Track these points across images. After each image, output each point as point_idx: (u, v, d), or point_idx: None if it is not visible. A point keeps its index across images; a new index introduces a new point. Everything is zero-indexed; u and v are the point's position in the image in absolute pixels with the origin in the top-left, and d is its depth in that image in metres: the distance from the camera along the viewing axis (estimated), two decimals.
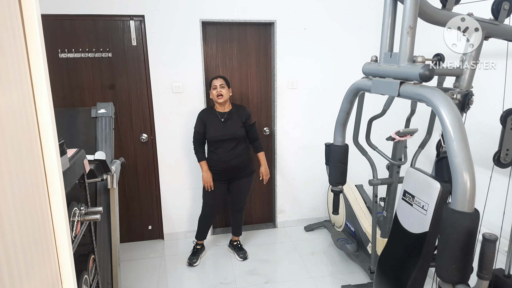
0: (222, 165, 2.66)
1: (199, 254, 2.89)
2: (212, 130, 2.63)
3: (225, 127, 2.64)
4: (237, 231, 2.98)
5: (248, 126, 2.72)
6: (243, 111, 2.73)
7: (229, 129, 2.64)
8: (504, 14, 1.32)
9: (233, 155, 2.66)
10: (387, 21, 1.28)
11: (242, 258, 2.87)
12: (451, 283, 1.02)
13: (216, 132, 2.62)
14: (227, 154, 2.64)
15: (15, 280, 0.60)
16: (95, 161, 1.79)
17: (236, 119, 2.68)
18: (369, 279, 2.54)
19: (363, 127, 2.34)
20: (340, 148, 1.61)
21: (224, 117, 2.65)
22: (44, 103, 0.74)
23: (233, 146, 2.65)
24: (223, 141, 2.63)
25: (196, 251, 2.90)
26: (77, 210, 1.15)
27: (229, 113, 2.68)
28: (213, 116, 2.66)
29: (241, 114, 2.70)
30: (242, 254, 2.89)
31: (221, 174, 2.70)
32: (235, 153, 2.66)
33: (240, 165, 2.69)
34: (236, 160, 2.67)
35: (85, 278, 1.22)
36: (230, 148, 2.64)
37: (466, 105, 1.30)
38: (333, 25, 3.07)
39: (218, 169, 2.68)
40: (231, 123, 2.66)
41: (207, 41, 2.99)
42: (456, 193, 0.98)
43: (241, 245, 2.99)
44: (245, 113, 2.72)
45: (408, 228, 1.46)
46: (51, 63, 2.67)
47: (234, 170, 2.69)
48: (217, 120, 2.65)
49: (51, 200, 0.79)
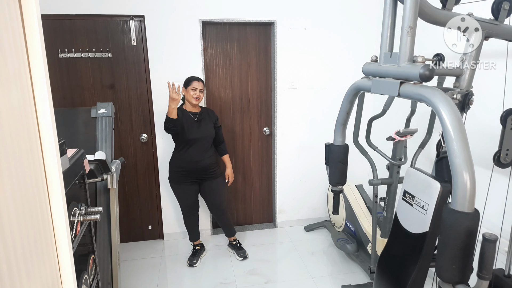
0: (192, 165, 2.64)
1: (200, 254, 2.89)
2: (189, 129, 2.60)
3: (200, 127, 2.64)
4: (230, 232, 2.97)
5: (217, 128, 2.73)
6: (212, 114, 2.75)
7: (204, 129, 2.64)
8: (504, 14, 1.32)
9: (204, 156, 2.65)
10: (387, 21, 1.28)
11: (242, 257, 2.87)
12: (451, 283, 1.02)
13: (192, 132, 2.60)
14: (198, 154, 2.63)
15: (15, 280, 0.60)
16: (95, 161, 1.79)
17: (208, 120, 2.69)
18: (369, 279, 2.54)
19: (363, 127, 2.34)
20: (340, 148, 1.61)
21: (197, 117, 2.65)
22: (44, 103, 0.74)
23: (205, 146, 2.66)
24: (197, 140, 2.62)
25: (196, 251, 2.90)
26: (77, 210, 1.15)
27: (200, 114, 2.67)
28: (186, 115, 2.63)
29: (211, 116, 2.72)
30: (242, 253, 2.89)
31: (190, 175, 2.67)
32: (206, 154, 2.66)
33: (209, 166, 2.69)
34: (206, 161, 2.66)
35: (85, 278, 1.22)
36: (202, 148, 2.64)
37: (466, 105, 1.30)
38: (333, 25, 3.07)
39: (187, 169, 2.65)
40: (205, 123, 2.66)
41: (207, 41, 2.99)
42: (456, 193, 0.98)
43: (240, 244, 2.99)
44: (214, 115, 2.75)
45: (408, 228, 1.46)
46: (51, 63, 2.67)
47: (203, 171, 2.68)
48: (190, 119, 2.63)
49: (51, 200, 0.79)
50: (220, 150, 2.83)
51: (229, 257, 2.93)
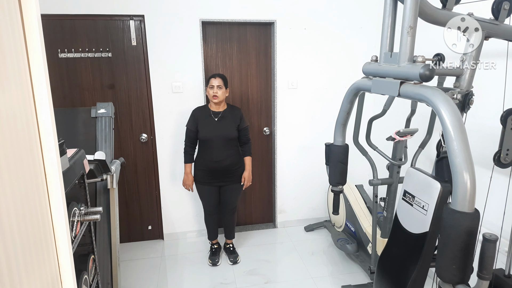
0: (214, 165, 2.61)
1: (218, 252, 2.89)
2: (204, 128, 2.58)
3: (219, 126, 2.59)
4: (230, 234, 2.94)
5: (241, 129, 2.67)
6: (237, 113, 2.67)
7: (222, 129, 2.59)
8: (504, 14, 1.32)
9: (225, 156, 2.61)
10: (387, 21, 1.28)
11: (232, 262, 2.82)
12: (451, 283, 1.02)
13: (209, 131, 2.57)
14: (219, 154, 2.59)
15: (15, 280, 0.60)
16: (95, 161, 1.79)
17: (230, 120, 2.62)
18: (369, 279, 2.54)
19: (363, 127, 2.34)
20: (340, 148, 1.61)
21: (218, 117, 2.60)
22: (44, 103, 0.74)
23: (225, 146, 2.60)
24: (214, 141, 2.58)
25: (215, 250, 2.90)
26: (77, 210, 1.15)
27: (224, 113, 2.62)
28: (206, 114, 2.62)
29: (235, 116, 2.65)
30: (233, 257, 2.85)
31: (211, 176, 2.65)
32: (227, 153, 2.61)
33: (231, 166, 2.65)
34: (227, 161, 2.62)
35: (85, 278, 1.22)
36: (222, 148, 2.59)
37: (466, 105, 1.30)
38: (333, 25, 3.07)
39: (209, 169, 2.63)
40: (225, 123, 2.61)
41: (207, 41, 2.99)
42: (456, 193, 0.98)
43: (233, 248, 2.95)
44: (239, 115, 2.67)
45: (408, 228, 1.46)
46: (51, 63, 2.67)
47: (225, 171, 2.65)
48: (210, 119, 2.60)
49: (51, 200, 0.78)
50: (243, 150, 2.74)
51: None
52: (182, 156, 3.00)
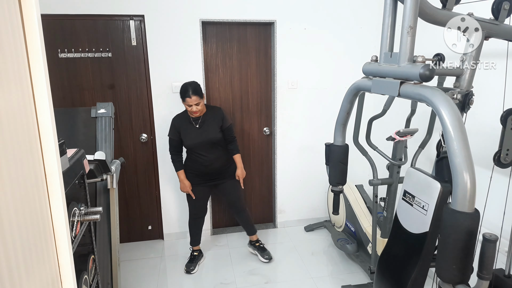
0: (204, 169, 2.61)
1: (197, 260, 2.81)
2: (187, 137, 2.55)
3: (201, 133, 2.55)
4: (251, 230, 2.92)
5: (225, 129, 2.63)
6: (218, 113, 2.62)
7: (206, 135, 2.55)
8: (504, 14, 1.32)
9: (214, 159, 2.60)
10: (387, 21, 1.28)
11: (267, 259, 2.82)
12: (451, 283, 1.02)
13: (192, 139, 2.54)
14: (207, 158, 2.58)
15: (15, 280, 0.60)
16: (95, 161, 1.79)
17: (212, 122, 2.57)
18: (369, 279, 2.54)
19: (363, 127, 2.34)
20: (340, 148, 1.60)
21: (198, 123, 2.56)
22: (44, 103, 0.74)
23: (212, 150, 2.59)
24: (200, 147, 2.56)
25: (194, 257, 2.82)
26: (77, 210, 1.15)
27: (204, 117, 2.57)
28: (186, 122, 2.56)
29: (216, 117, 2.60)
30: (266, 255, 2.85)
31: (204, 178, 2.66)
32: (215, 156, 2.61)
33: (222, 167, 2.66)
34: (217, 163, 2.62)
35: (85, 278, 1.22)
36: (209, 152, 2.58)
37: (466, 105, 1.30)
38: (333, 25, 3.07)
39: (200, 172, 2.63)
40: (207, 127, 2.56)
41: (207, 41, 2.99)
42: (456, 193, 0.98)
43: (263, 245, 2.94)
44: (220, 115, 2.62)
45: (408, 228, 1.46)
46: (51, 63, 2.67)
47: (216, 173, 2.66)
48: (191, 126, 2.56)
49: (51, 200, 0.78)
50: (230, 149, 2.71)
51: (229, 257, 2.93)
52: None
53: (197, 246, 2.89)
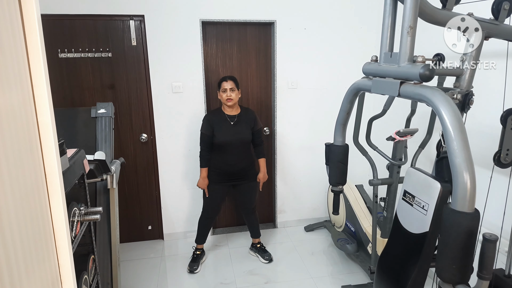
0: (229, 168, 2.63)
1: (199, 260, 2.81)
2: (221, 133, 2.57)
3: (235, 130, 2.59)
4: (256, 233, 2.93)
5: (255, 131, 2.68)
6: (251, 115, 2.68)
7: (239, 133, 2.59)
8: (504, 14, 1.32)
9: (240, 159, 2.63)
10: (387, 21, 1.28)
11: (268, 260, 2.83)
12: (451, 283, 1.02)
13: (226, 136, 2.57)
14: (234, 158, 2.61)
15: (15, 280, 0.60)
16: (95, 161, 1.79)
17: (245, 123, 2.63)
18: (369, 279, 2.54)
19: (363, 127, 2.34)
20: (340, 148, 1.60)
21: (234, 121, 2.60)
22: (44, 103, 0.74)
23: (241, 149, 2.62)
24: (231, 144, 2.58)
25: (197, 257, 2.82)
26: (77, 210, 1.15)
27: (239, 117, 2.62)
28: (221, 119, 2.60)
29: (249, 118, 2.65)
30: (267, 256, 2.85)
31: (224, 177, 2.66)
32: (242, 156, 2.64)
33: (245, 168, 2.67)
34: (242, 164, 2.65)
35: (85, 278, 1.22)
36: (237, 151, 2.61)
37: (466, 105, 1.30)
38: (333, 25, 3.07)
39: (223, 171, 2.64)
40: (241, 127, 2.61)
41: (207, 41, 2.99)
42: (456, 193, 0.98)
43: (264, 247, 2.95)
44: (253, 117, 2.68)
45: (408, 228, 1.46)
46: (51, 63, 2.67)
47: (238, 173, 2.66)
48: (226, 123, 2.59)
49: (51, 200, 0.78)
50: (257, 152, 2.76)
51: (229, 257, 2.93)
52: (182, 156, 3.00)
53: (201, 245, 2.89)
